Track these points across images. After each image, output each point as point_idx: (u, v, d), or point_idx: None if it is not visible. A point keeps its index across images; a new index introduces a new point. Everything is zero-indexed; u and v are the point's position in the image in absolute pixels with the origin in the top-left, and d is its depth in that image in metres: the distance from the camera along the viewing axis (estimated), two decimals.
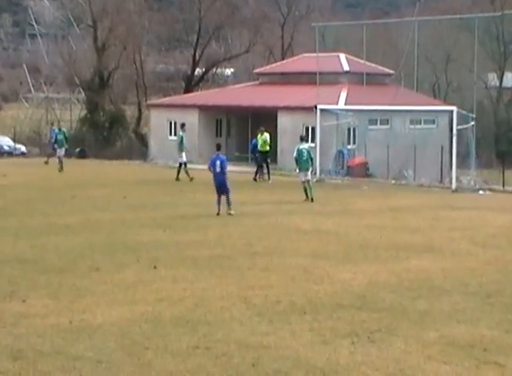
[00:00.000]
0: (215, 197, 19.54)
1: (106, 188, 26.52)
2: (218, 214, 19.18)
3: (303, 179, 23.33)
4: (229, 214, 19.20)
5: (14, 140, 53.31)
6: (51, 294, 10.51)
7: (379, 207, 21.86)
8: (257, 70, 50.04)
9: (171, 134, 44.89)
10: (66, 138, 35.21)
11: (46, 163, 37.58)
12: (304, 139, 24.97)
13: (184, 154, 30.76)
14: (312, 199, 22.75)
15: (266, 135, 31.35)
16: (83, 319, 9.22)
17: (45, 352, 7.98)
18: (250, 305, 10.00)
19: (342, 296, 10.51)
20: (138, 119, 56.35)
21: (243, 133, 43.28)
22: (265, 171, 31.33)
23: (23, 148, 52.98)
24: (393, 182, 33.01)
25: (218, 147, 20.25)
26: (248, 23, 61.13)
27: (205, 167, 19.89)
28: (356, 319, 9.30)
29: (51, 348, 8.11)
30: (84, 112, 59.33)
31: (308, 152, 23.47)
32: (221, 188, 19.39)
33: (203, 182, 30.11)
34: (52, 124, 43.90)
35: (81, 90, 65.14)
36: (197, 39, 59.38)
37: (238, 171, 36.08)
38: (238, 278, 11.71)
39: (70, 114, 67.04)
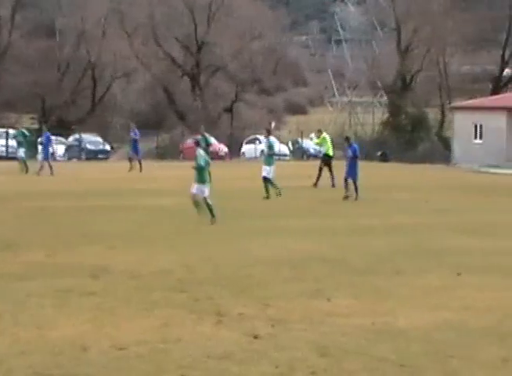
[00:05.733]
0: None
1: (407, 191, 26.43)
2: None
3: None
4: None
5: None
6: (354, 294, 10.65)
7: None
8: None
9: (476, 137, 43.61)
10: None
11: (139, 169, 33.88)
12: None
13: None
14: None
15: (325, 137, 27.64)
16: (385, 322, 9.21)
17: (349, 350, 8.09)
18: None
19: None
20: (442, 122, 55.50)
21: None
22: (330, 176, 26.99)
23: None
24: None
25: None
26: None
27: None
28: None
29: (355, 347, 8.21)
30: (386, 115, 59.79)
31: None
32: None
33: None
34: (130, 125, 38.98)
35: (384, 93, 65.75)
36: (507, 38, 57.04)
37: None
38: None
39: (373, 118, 67.98)
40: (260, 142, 53.07)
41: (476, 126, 43.63)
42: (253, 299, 10.28)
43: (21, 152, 34.13)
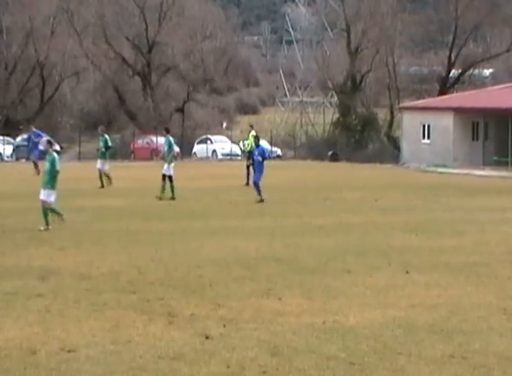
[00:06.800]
0: None
1: (357, 191, 26.69)
2: None
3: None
4: None
5: (271, 143, 55.32)
6: (305, 293, 10.73)
7: None
8: None
9: (424, 137, 44.17)
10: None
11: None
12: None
13: None
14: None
15: (253, 134, 27.21)
16: (336, 321, 9.31)
17: (299, 349, 8.16)
18: (510, 317, 9.52)
19: None
20: (391, 122, 56.08)
21: (503, 137, 41.45)
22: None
23: (278, 151, 54.84)
24: None
25: None
26: (510, 20, 58.39)
27: (460, 171, 19.38)
28: None
29: (305, 346, 8.28)
30: (336, 115, 60.20)
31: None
32: None
33: (458, 187, 29.29)
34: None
35: (334, 94, 66.20)
36: (453, 39, 57.88)
37: (497, 176, 34.71)
38: (496, 287, 11.21)
39: (324, 118, 68.41)
40: (212, 142, 53.01)
41: (424, 126, 44.20)
42: (204, 299, 10.29)
43: None
